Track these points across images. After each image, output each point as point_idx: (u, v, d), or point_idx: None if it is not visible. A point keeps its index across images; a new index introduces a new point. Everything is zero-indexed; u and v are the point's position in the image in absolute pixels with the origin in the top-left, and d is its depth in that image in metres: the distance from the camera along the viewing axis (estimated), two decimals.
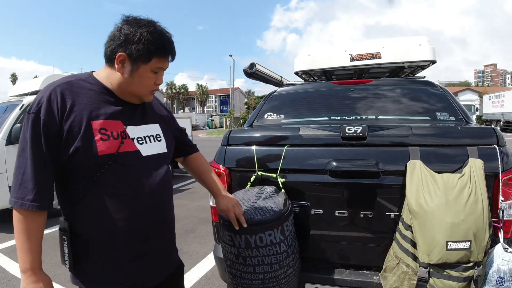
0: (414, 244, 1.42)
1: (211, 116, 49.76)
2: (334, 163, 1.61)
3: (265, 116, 2.36)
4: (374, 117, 2.14)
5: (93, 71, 1.11)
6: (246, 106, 44.43)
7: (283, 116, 2.31)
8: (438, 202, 1.35)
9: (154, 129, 1.15)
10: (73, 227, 1.00)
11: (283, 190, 1.63)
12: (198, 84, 64.09)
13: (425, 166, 1.48)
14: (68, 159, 0.95)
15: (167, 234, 1.18)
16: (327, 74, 3.13)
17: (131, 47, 0.98)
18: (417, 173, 1.46)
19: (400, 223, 1.52)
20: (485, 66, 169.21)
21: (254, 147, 1.77)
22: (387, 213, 1.60)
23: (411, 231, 1.43)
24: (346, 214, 1.63)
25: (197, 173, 1.39)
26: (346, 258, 1.72)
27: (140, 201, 1.03)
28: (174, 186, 6.66)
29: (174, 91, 64.99)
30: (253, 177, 1.71)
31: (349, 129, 1.66)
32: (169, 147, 1.18)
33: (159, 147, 1.14)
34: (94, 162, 0.96)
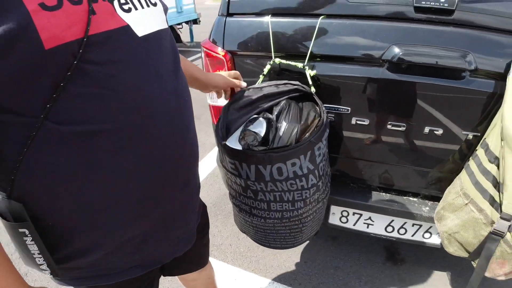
0: (497, 185, 0.96)
1: None
2: (397, 50, 1.01)
3: None
4: None
5: None
6: None
7: None
8: None
9: None
10: (31, 206, 0.51)
11: (313, 90, 1.08)
12: None
13: None
14: None
15: (192, 178, 0.73)
16: None
17: None
18: None
19: (480, 150, 1.02)
20: None
21: (269, 18, 1.13)
22: (463, 133, 1.09)
23: (498, 166, 0.95)
24: (403, 128, 1.13)
25: None
26: (388, 180, 1.31)
27: (150, 134, 0.56)
28: None
29: None
30: (267, 66, 1.14)
31: None
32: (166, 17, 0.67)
33: (157, 16, 0.60)
34: (37, 69, 0.42)
